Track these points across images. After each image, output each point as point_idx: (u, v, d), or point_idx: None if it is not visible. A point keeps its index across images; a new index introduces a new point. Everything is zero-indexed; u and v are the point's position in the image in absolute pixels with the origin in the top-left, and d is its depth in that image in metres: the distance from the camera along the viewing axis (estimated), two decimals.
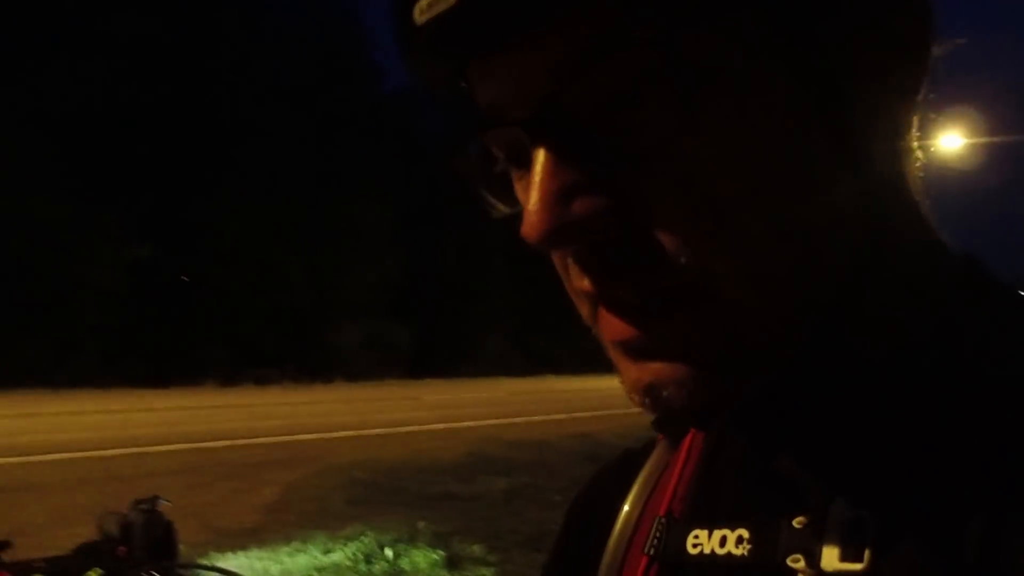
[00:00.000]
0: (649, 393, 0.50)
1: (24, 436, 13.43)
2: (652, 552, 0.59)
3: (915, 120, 0.53)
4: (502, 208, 0.55)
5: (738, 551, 0.52)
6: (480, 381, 38.97)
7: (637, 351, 0.50)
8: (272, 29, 41.39)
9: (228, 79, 37.99)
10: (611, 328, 0.51)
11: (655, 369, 0.50)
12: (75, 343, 32.56)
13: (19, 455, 11.20)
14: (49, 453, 11.51)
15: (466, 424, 17.01)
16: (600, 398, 17.44)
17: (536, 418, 18.78)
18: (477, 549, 7.24)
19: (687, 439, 0.64)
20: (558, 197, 0.47)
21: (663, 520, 0.60)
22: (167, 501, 6.39)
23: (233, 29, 38.74)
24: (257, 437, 14.01)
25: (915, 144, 0.54)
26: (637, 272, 0.48)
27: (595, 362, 0.58)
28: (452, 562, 6.90)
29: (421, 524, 7.78)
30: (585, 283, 0.50)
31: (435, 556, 6.91)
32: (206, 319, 36.65)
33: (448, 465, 11.21)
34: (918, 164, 0.54)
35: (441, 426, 16.56)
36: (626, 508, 0.65)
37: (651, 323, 0.49)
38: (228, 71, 38.03)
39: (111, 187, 33.38)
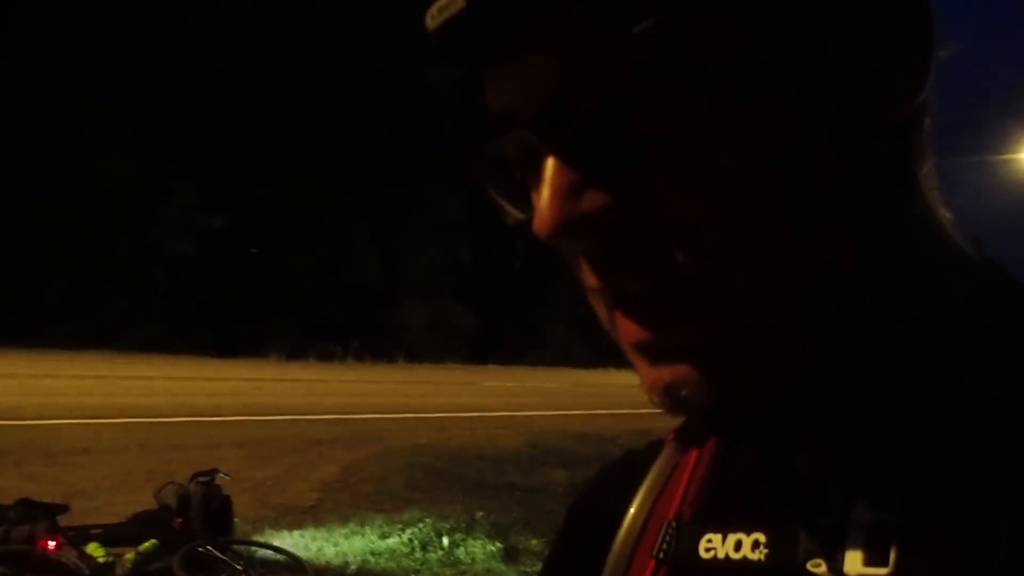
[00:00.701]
0: (668, 393, 0.50)
1: (89, 397, 13.61)
2: (662, 556, 0.58)
3: (925, 123, 0.53)
4: (518, 215, 0.55)
5: (755, 556, 0.51)
6: (543, 370, 39.08)
7: (654, 353, 0.50)
8: (353, 5, 41.61)
9: (309, 54, 38.36)
10: (627, 331, 0.51)
11: (673, 370, 0.49)
12: (145, 308, 33.19)
13: (83, 416, 11.29)
14: (112, 417, 11.58)
15: (528, 413, 16.94)
16: None
17: (598, 412, 18.70)
18: (535, 543, 7.13)
19: None
20: (567, 193, 0.47)
21: (673, 523, 0.59)
22: (226, 475, 6.36)
23: (315, 4, 39.03)
24: (319, 414, 14.04)
25: (927, 147, 0.54)
26: (645, 266, 0.48)
27: None
28: (509, 555, 6.81)
29: (479, 514, 7.71)
30: (593, 281, 0.51)
31: (492, 548, 6.82)
32: (274, 292, 37.16)
33: (509, 454, 11.11)
34: (931, 168, 0.54)
35: (503, 414, 16.50)
36: (632, 510, 0.64)
37: (665, 323, 0.49)
38: (310, 46, 38.40)
39: (189, 155, 33.94)
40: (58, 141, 30.62)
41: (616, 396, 24.22)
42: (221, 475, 6.14)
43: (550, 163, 0.48)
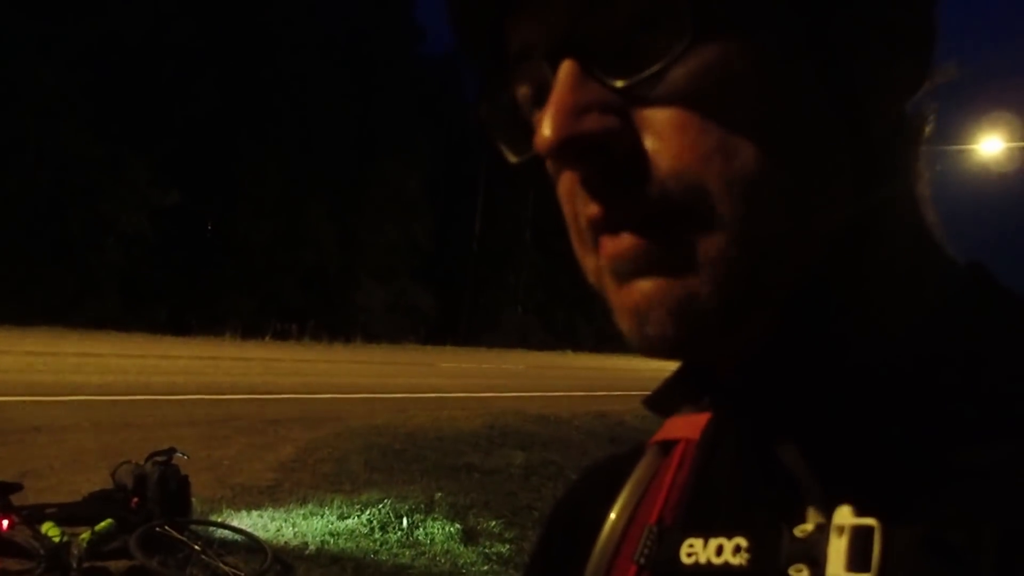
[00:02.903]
0: (637, 317, 0.50)
1: (40, 375, 13.40)
2: (643, 561, 0.58)
3: (924, 129, 0.54)
4: (515, 158, 0.56)
5: (736, 560, 0.51)
6: (500, 352, 39.16)
7: (631, 269, 0.50)
8: None
9: (269, 30, 38.01)
10: (610, 247, 0.51)
11: (646, 289, 0.49)
12: (97, 284, 32.73)
13: (34, 394, 11.13)
14: (65, 394, 11.43)
15: (486, 395, 16.95)
16: (619, 378, 17.43)
17: (555, 393, 18.79)
18: (494, 525, 7.15)
19: (680, 446, 0.64)
20: (571, 112, 0.48)
21: (654, 528, 0.59)
22: (183, 454, 6.28)
23: None
24: (275, 393, 13.96)
25: (921, 149, 0.55)
26: (638, 192, 0.48)
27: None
28: (468, 536, 6.84)
29: (438, 495, 7.71)
30: (593, 208, 0.51)
31: (451, 529, 6.83)
32: (230, 269, 36.84)
33: (467, 435, 11.12)
34: (928, 179, 0.55)
35: (461, 395, 16.51)
36: (613, 515, 0.64)
37: (649, 237, 0.49)
38: (270, 22, 38.05)
39: (144, 130, 33.47)
40: (9, 114, 30.06)
41: (572, 378, 24.35)
42: (178, 454, 6.08)
43: (557, 84, 0.49)
